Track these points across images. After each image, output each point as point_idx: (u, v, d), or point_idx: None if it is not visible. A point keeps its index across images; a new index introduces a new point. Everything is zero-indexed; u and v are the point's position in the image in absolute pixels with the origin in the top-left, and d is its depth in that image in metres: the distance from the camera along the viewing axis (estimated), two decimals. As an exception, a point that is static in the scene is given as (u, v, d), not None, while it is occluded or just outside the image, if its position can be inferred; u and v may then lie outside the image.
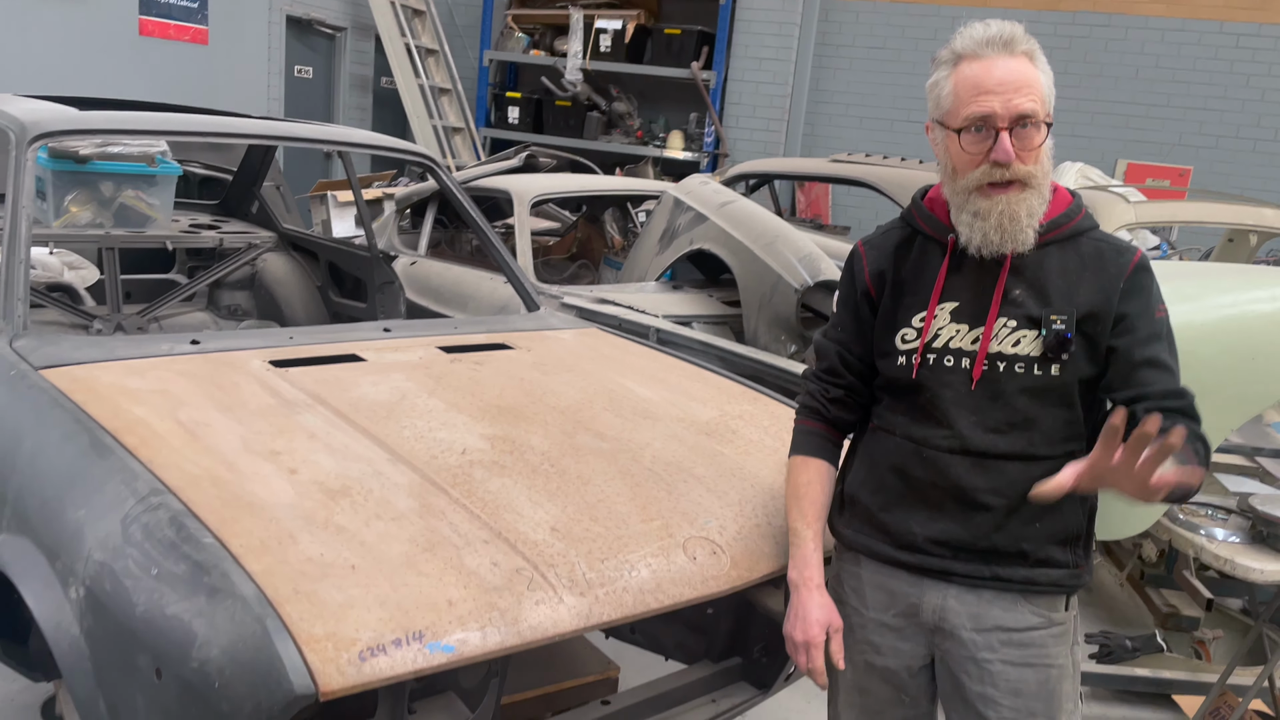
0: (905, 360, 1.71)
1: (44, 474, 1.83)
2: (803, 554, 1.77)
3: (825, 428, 1.85)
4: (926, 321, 1.70)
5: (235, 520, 1.62)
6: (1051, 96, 1.61)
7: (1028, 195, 1.60)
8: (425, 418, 2.15)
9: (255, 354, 2.39)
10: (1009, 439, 1.65)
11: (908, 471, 1.72)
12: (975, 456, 1.66)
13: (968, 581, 1.69)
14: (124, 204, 4.12)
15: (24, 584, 1.73)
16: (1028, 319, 1.64)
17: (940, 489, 1.69)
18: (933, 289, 1.70)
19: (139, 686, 1.50)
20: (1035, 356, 1.63)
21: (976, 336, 1.67)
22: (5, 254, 2.42)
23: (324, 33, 9.03)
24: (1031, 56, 1.60)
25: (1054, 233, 1.66)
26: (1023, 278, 1.66)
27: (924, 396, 1.70)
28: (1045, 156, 1.61)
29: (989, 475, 1.66)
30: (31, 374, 2.11)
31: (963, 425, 1.67)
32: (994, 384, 1.65)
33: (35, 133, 2.61)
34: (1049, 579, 1.69)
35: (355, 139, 3.37)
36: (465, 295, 4.52)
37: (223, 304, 4.50)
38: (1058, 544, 1.69)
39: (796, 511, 1.80)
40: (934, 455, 1.69)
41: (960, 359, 1.68)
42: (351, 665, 1.41)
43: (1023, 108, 1.56)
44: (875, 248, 1.81)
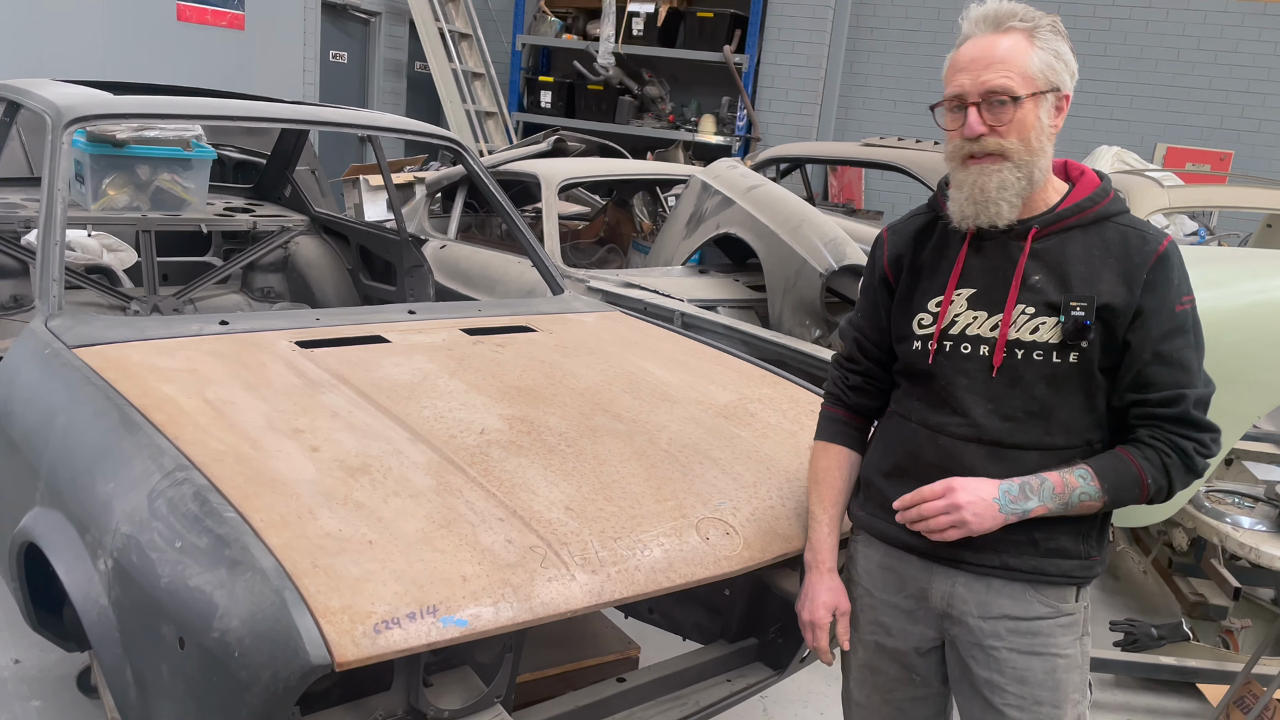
0: (921, 346, 1.71)
1: (75, 449, 1.89)
2: (818, 537, 1.81)
3: (847, 414, 1.87)
4: (943, 307, 1.69)
5: (257, 496, 1.66)
6: (1047, 71, 1.57)
7: (1002, 169, 1.59)
8: (446, 398, 2.18)
9: (282, 335, 2.43)
10: (1025, 428, 1.64)
11: (921, 457, 1.71)
12: (990, 445, 1.65)
13: (976, 569, 1.68)
14: (160, 187, 4.19)
15: (56, 556, 1.79)
16: (1046, 305, 1.62)
17: (951, 476, 1.67)
18: (950, 274, 1.70)
19: (163, 655, 1.55)
20: (1054, 344, 1.61)
21: (995, 324, 1.65)
22: (41, 236, 2.48)
23: (359, 17, 9.10)
24: (1030, 33, 1.58)
25: (1077, 216, 1.64)
26: (1043, 263, 1.63)
27: (939, 383, 1.70)
28: (1032, 132, 1.58)
29: (1004, 464, 1.64)
30: (65, 352, 2.17)
31: (978, 413, 1.66)
32: (1013, 372, 1.63)
33: (70, 117, 2.67)
34: (1059, 570, 1.67)
35: (385, 123, 3.41)
36: (493, 279, 4.56)
37: (256, 286, 4.57)
38: (1070, 534, 1.67)
39: (815, 495, 1.85)
40: (949, 443, 1.68)
41: (979, 346, 1.66)
42: (366, 637, 1.45)
43: (991, 83, 1.57)
44: (897, 233, 1.81)
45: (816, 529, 1.82)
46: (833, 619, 1.80)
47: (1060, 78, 1.59)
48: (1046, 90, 1.58)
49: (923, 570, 1.74)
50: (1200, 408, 1.61)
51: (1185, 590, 3.60)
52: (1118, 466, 1.60)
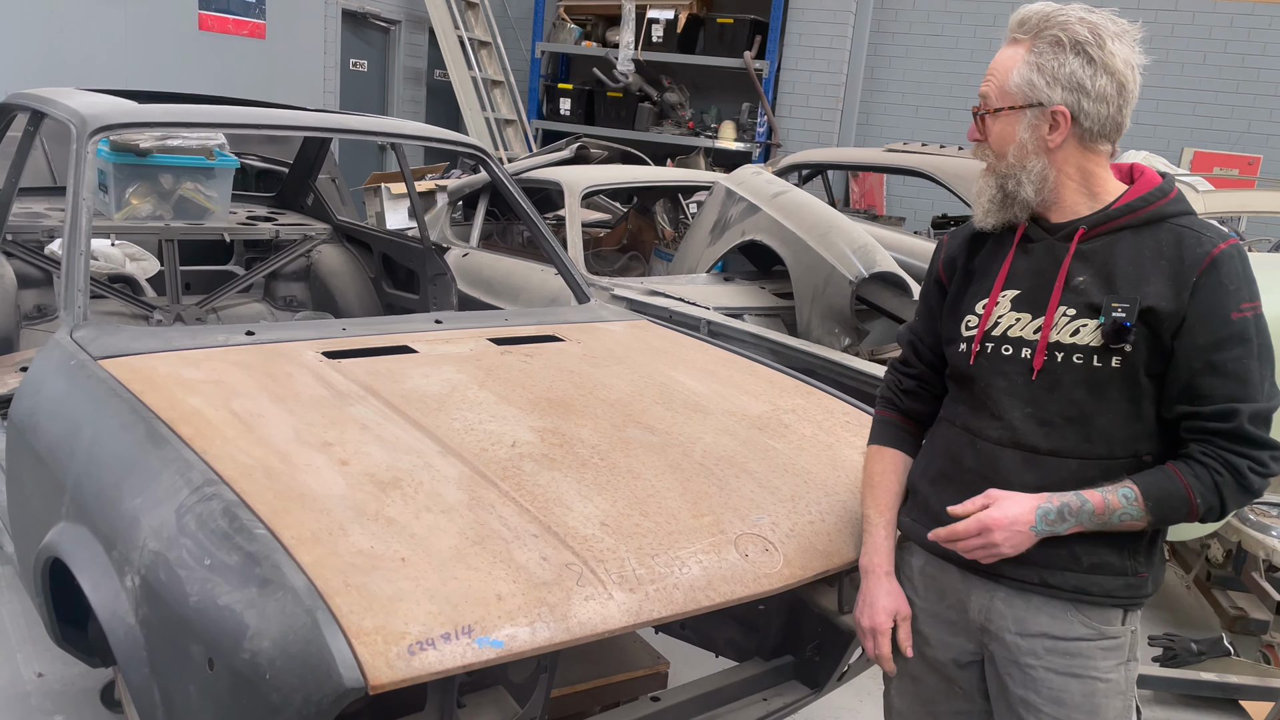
0: (965, 348, 1.68)
1: (102, 463, 1.85)
2: (874, 541, 1.78)
3: (900, 418, 1.84)
4: (987, 308, 1.66)
5: (287, 511, 1.62)
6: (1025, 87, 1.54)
7: (987, 178, 1.64)
8: (475, 410, 2.14)
9: (309, 345, 2.40)
10: (1063, 434, 1.58)
11: (962, 463, 1.67)
12: (1026, 451, 1.60)
13: (1015, 585, 1.63)
14: (183, 196, 4.18)
15: (82, 572, 1.75)
16: (1088, 307, 1.56)
17: (991, 483, 1.62)
18: (997, 275, 1.66)
19: (192, 676, 1.51)
20: (1095, 347, 1.55)
21: (1038, 326, 1.60)
22: (66, 246, 2.45)
23: (379, 26, 9.11)
24: (1030, 46, 1.55)
25: (1128, 217, 1.58)
26: (1089, 264, 1.58)
27: (979, 386, 1.66)
28: (1010, 146, 1.58)
29: (1040, 472, 1.59)
30: (90, 364, 2.14)
31: (1015, 417, 1.61)
32: (1053, 375, 1.58)
33: (95, 125, 2.64)
34: (1102, 589, 1.60)
35: (408, 131, 3.38)
36: (516, 287, 4.52)
37: (279, 295, 4.55)
38: (1114, 549, 1.59)
39: (870, 500, 1.81)
40: (986, 447, 1.64)
41: (1020, 348, 1.61)
42: (400, 659, 1.41)
43: (981, 90, 1.61)
44: (955, 237, 1.79)
45: (872, 533, 1.78)
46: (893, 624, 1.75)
47: (1044, 93, 1.53)
48: (1024, 106, 1.55)
49: (962, 582, 1.69)
50: (1259, 423, 1.52)
51: (1225, 604, 3.52)
52: (1165, 484, 1.53)
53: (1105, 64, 1.53)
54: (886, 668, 1.78)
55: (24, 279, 3.82)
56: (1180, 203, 1.60)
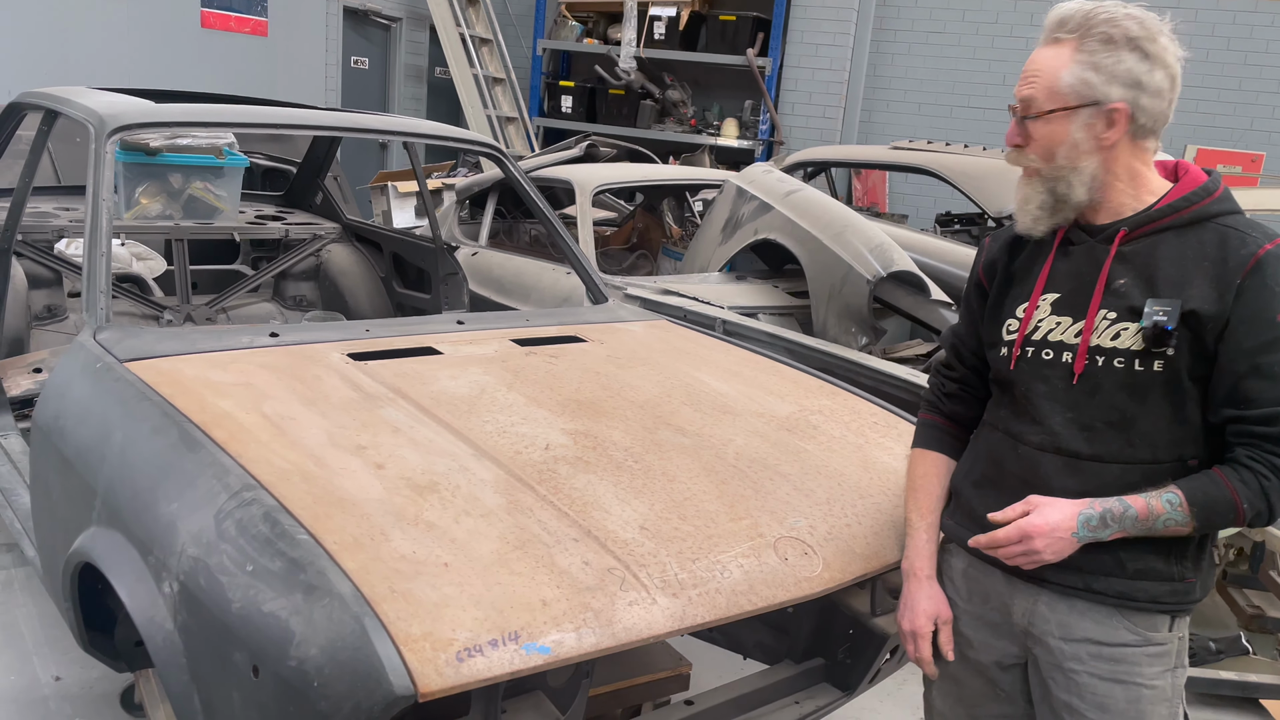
0: (1006, 352, 1.67)
1: (134, 467, 1.83)
2: (915, 545, 1.78)
3: (943, 420, 1.84)
4: (1028, 312, 1.65)
5: (328, 516, 1.61)
6: (1080, 87, 1.51)
7: (1033, 183, 1.60)
8: (506, 412, 2.13)
9: (333, 347, 2.38)
10: (1104, 439, 1.57)
11: (1005, 467, 1.67)
12: (1068, 456, 1.59)
13: (1059, 590, 1.62)
14: (193, 195, 4.16)
15: (117, 577, 1.74)
16: (1129, 310, 1.55)
17: (1032, 488, 1.61)
18: (1038, 279, 1.65)
19: (235, 683, 1.49)
20: (1136, 351, 1.53)
21: (1079, 330, 1.59)
22: (87, 247, 2.43)
23: (380, 23, 9.08)
24: (1076, 44, 1.52)
25: (1171, 217, 1.55)
26: (1131, 266, 1.56)
27: (1020, 390, 1.65)
28: (1060, 148, 1.54)
29: (1082, 477, 1.58)
30: (117, 366, 2.12)
31: (1056, 422, 1.60)
32: (1093, 380, 1.57)
33: (113, 125, 2.62)
34: (1148, 595, 1.58)
35: (424, 130, 3.36)
36: (527, 286, 4.51)
37: (288, 295, 4.53)
38: (1160, 554, 1.58)
39: (912, 503, 1.82)
40: (1028, 452, 1.63)
41: (1061, 353, 1.60)
42: (449, 666, 1.39)
43: (1020, 94, 1.57)
44: (995, 239, 1.78)
45: (914, 536, 1.79)
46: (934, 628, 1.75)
47: (1101, 91, 1.51)
48: (1078, 106, 1.51)
49: (1006, 585, 1.68)
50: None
51: (1242, 603, 3.52)
52: (1210, 490, 1.51)
53: (1159, 58, 1.51)
54: (928, 671, 1.77)
55: (34, 279, 3.80)
56: (1225, 201, 1.57)
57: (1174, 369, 1.52)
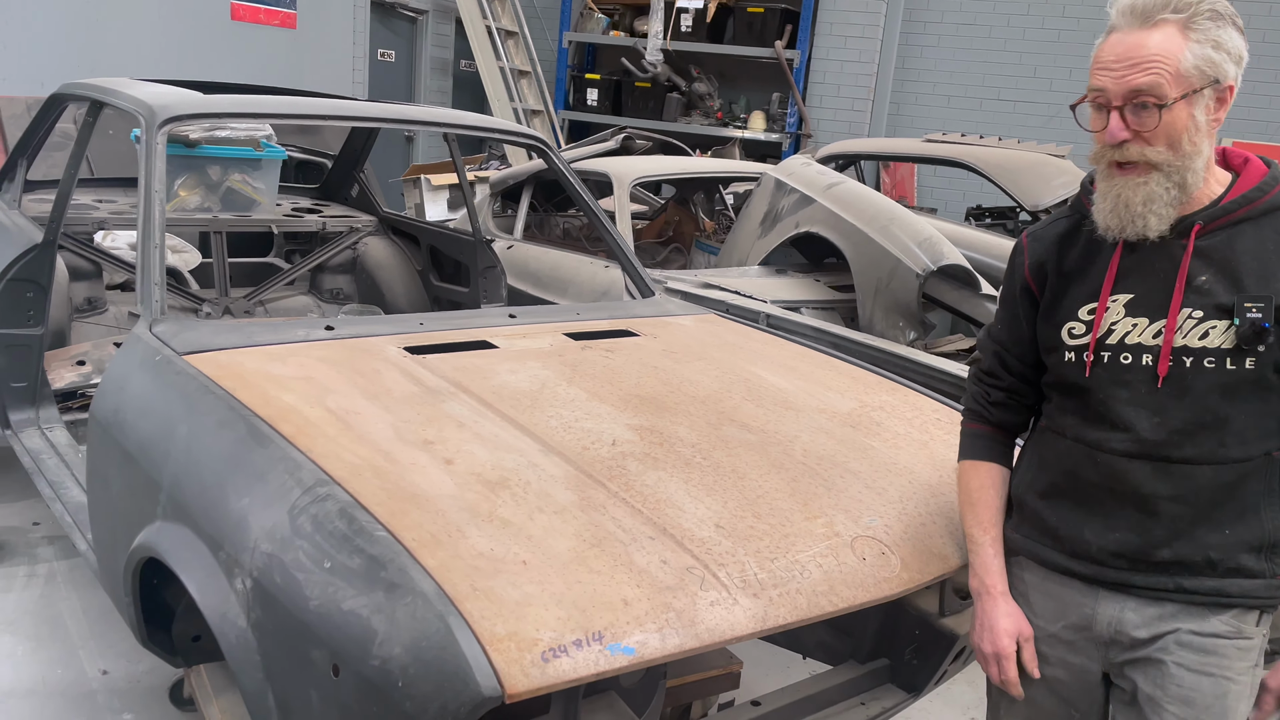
0: (1075, 357, 1.59)
1: (202, 462, 1.81)
2: (982, 561, 1.70)
3: (992, 429, 1.77)
4: (1098, 315, 1.57)
5: (403, 513, 1.58)
6: (1205, 66, 1.44)
7: (1150, 180, 1.48)
8: (569, 407, 2.10)
9: (389, 340, 2.36)
10: (1197, 441, 1.51)
11: (1080, 476, 1.60)
12: (1158, 461, 1.53)
13: (1149, 594, 1.57)
14: (231, 188, 4.15)
15: (186, 573, 1.71)
16: (1216, 308, 1.49)
17: (1117, 495, 1.56)
18: (1104, 279, 1.57)
19: (313, 682, 1.47)
20: (1227, 349, 1.48)
21: (1158, 330, 1.52)
22: (140, 239, 2.41)
23: (406, 16, 9.05)
24: (1186, 24, 1.44)
25: (1246, 208, 1.50)
26: (1210, 262, 1.51)
27: (1097, 397, 1.57)
28: (1184, 135, 1.45)
29: (1173, 481, 1.53)
30: (176, 359, 2.10)
31: (1143, 427, 1.53)
32: (1181, 381, 1.51)
33: (165, 116, 2.60)
34: (1241, 590, 1.54)
35: (468, 122, 3.33)
36: (565, 280, 4.48)
37: (325, 287, 4.51)
38: (1251, 552, 1.53)
39: (972, 518, 1.73)
40: (1109, 460, 1.56)
41: (1141, 355, 1.53)
42: (535, 666, 1.36)
43: (1135, 83, 1.44)
44: (1038, 239, 1.69)
45: (980, 552, 1.71)
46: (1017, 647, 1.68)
47: (1222, 69, 1.45)
48: (1203, 87, 1.44)
49: (1087, 595, 1.62)
50: None
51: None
52: None
53: (1243, 32, 1.48)
54: (1014, 693, 1.69)
55: (74, 271, 3.79)
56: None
57: (1265, 364, 1.48)
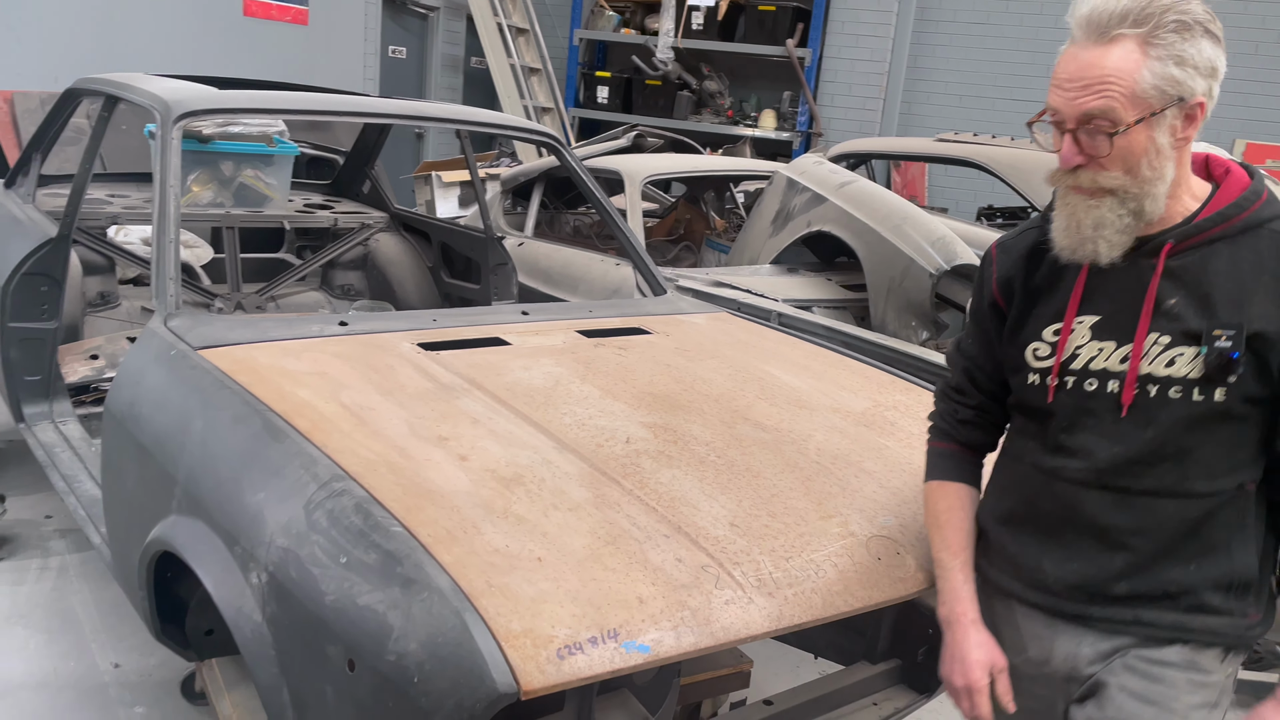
0: (1039, 380, 1.50)
1: (217, 456, 1.82)
2: (951, 587, 1.60)
3: (959, 448, 1.68)
4: (1062, 336, 1.48)
5: (419, 508, 1.58)
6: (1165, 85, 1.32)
7: (1102, 205, 1.38)
8: (582, 404, 2.10)
9: (403, 336, 2.36)
10: (1158, 472, 1.42)
11: (1038, 504, 1.52)
12: (1117, 493, 1.44)
13: (1106, 627, 1.48)
14: (243, 183, 4.15)
15: (201, 567, 1.72)
16: (1184, 334, 1.38)
17: (1076, 526, 1.48)
18: (1069, 298, 1.48)
19: (328, 677, 1.47)
20: (1194, 379, 1.38)
21: (1126, 355, 1.42)
22: (156, 234, 2.42)
23: (418, 12, 9.06)
24: (1145, 40, 1.31)
25: (1221, 226, 1.39)
26: (1180, 283, 1.40)
27: (1060, 423, 1.49)
28: (1142, 160, 1.34)
29: (1134, 513, 1.44)
30: (191, 354, 2.11)
31: (1101, 456, 1.44)
32: (1145, 411, 1.41)
33: (180, 111, 2.60)
34: (1204, 626, 1.44)
35: (482, 118, 3.33)
36: (575, 277, 4.48)
37: (336, 284, 4.52)
38: (1218, 589, 1.43)
39: (939, 541, 1.63)
40: (1066, 488, 1.47)
41: (1106, 382, 1.44)
42: (551, 663, 1.36)
43: (1086, 106, 1.33)
44: (1007, 251, 1.59)
45: (949, 578, 1.60)
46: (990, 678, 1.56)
47: (1186, 86, 1.33)
48: (1165, 108, 1.33)
49: (1047, 628, 1.54)
50: None
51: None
52: None
53: (1221, 40, 1.36)
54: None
55: (88, 266, 3.80)
56: (1276, 205, 1.41)
57: (1235, 396, 1.37)
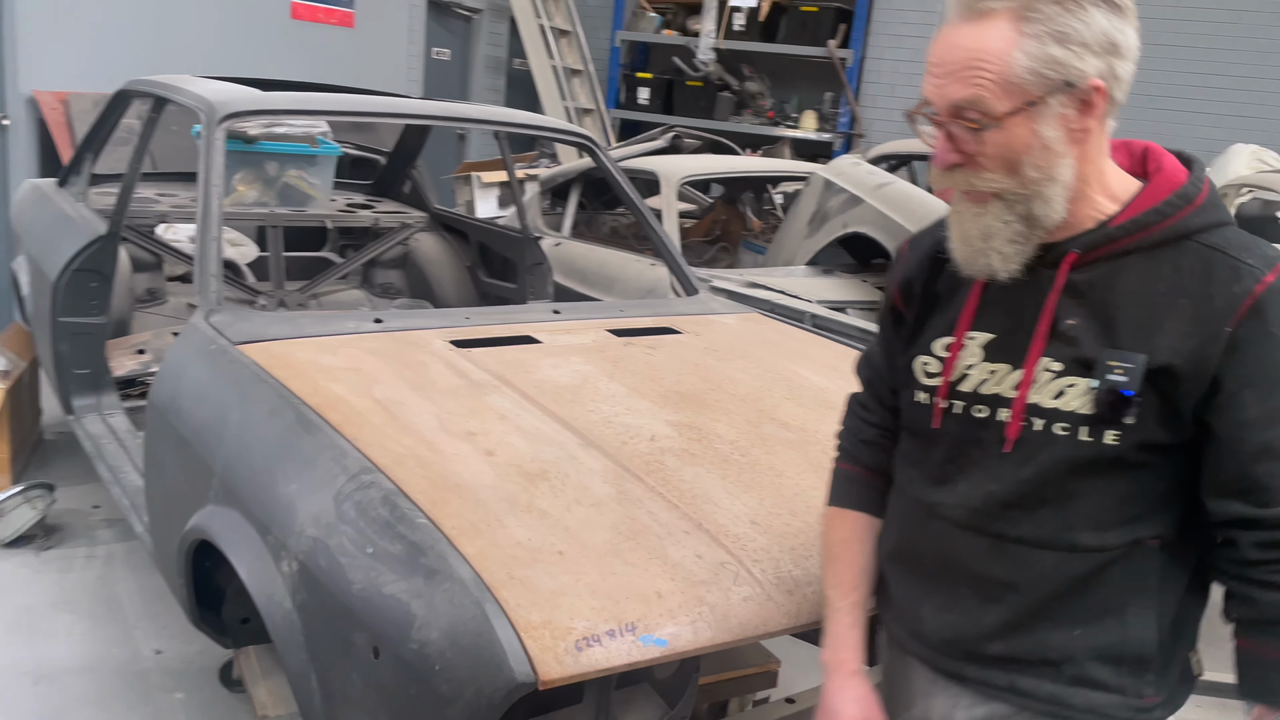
0: (927, 399, 1.32)
1: (252, 447, 1.87)
2: (835, 630, 1.42)
3: (863, 472, 1.47)
4: (952, 353, 1.28)
5: (444, 501, 1.62)
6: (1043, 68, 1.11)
7: (985, 212, 1.19)
8: (609, 402, 2.12)
9: (436, 333, 2.40)
10: (1037, 519, 1.22)
11: (918, 544, 1.34)
12: (992, 538, 1.25)
13: (981, 690, 1.30)
14: (287, 183, 4.24)
15: (235, 555, 1.77)
16: (1078, 361, 1.17)
17: (953, 573, 1.30)
18: (962, 310, 1.29)
19: (355, 664, 1.51)
20: (1084, 415, 1.17)
21: (1018, 381, 1.22)
22: (199, 232, 2.49)
23: (461, 15, 9.16)
24: (1019, 15, 1.11)
25: (1137, 236, 1.17)
26: (1083, 301, 1.18)
27: (944, 452, 1.30)
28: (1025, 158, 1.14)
29: (1010, 564, 1.24)
30: (231, 349, 2.17)
31: (976, 495, 1.26)
32: (1028, 446, 1.21)
33: (224, 112, 2.67)
34: (1087, 703, 1.23)
35: (518, 120, 3.37)
36: (611, 277, 4.51)
37: (376, 282, 4.59)
38: (1106, 662, 1.23)
39: (831, 577, 1.45)
40: (942, 529, 1.30)
41: (997, 410, 1.24)
42: (569, 655, 1.39)
43: (952, 95, 1.14)
44: (916, 246, 1.40)
45: (834, 620, 1.42)
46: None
47: (1073, 68, 1.11)
48: (1047, 95, 1.12)
49: (928, 682, 1.37)
50: None
51: None
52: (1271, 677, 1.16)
53: (1127, 8, 1.13)
54: None
55: (136, 263, 3.91)
56: (1210, 211, 1.18)
57: (1132, 441, 1.16)
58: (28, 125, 5.22)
